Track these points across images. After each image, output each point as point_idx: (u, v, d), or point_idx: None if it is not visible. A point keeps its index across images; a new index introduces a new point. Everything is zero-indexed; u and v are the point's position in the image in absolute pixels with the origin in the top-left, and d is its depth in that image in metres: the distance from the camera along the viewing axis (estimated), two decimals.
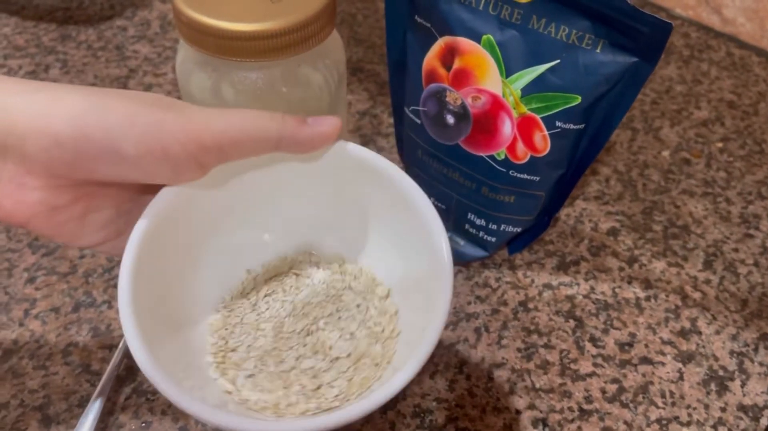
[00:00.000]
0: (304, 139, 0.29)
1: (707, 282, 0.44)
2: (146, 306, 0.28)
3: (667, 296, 0.43)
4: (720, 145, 0.54)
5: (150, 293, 0.29)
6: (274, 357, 0.34)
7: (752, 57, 0.63)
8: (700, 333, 0.41)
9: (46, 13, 0.63)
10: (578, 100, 0.36)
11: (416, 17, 0.39)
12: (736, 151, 0.53)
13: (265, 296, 0.36)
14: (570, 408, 0.37)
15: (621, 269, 0.44)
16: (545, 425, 0.36)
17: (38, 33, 0.61)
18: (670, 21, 0.32)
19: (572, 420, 0.37)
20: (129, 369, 0.38)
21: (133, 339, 0.27)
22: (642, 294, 0.43)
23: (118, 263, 0.44)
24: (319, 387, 0.32)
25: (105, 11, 0.64)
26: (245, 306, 0.36)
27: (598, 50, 0.35)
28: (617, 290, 0.43)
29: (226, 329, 0.35)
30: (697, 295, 0.43)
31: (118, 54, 0.59)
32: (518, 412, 0.37)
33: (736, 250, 0.46)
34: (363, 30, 0.64)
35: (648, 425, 0.37)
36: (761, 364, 0.40)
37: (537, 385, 0.38)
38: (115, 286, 0.42)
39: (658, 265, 0.45)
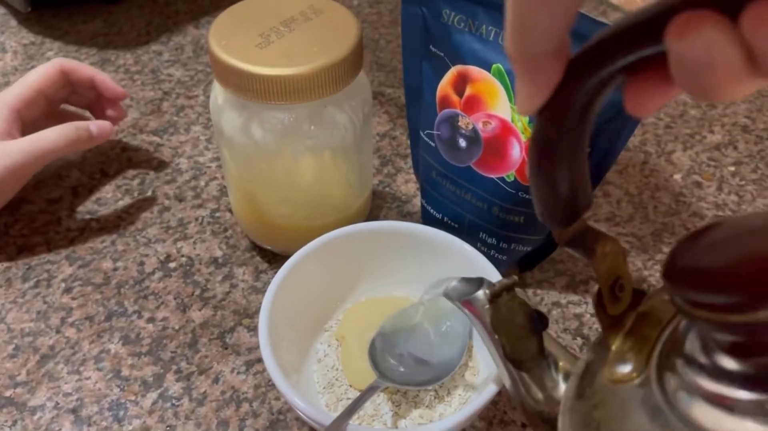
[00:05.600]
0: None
1: None
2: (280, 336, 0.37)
3: None
4: (732, 168, 0.55)
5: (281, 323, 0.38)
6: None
7: None
8: None
9: (87, 39, 0.67)
10: None
11: (431, 47, 0.41)
12: (748, 175, 0.54)
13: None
14: None
15: None
16: None
17: (80, 57, 0.65)
18: None
19: None
20: None
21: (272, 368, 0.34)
22: None
23: (149, 275, 0.47)
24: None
25: (142, 36, 0.68)
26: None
27: None
28: None
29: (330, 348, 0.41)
30: None
31: (153, 77, 0.63)
32: (524, 425, 0.38)
33: None
34: (385, 55, 0.66)
35: None
36: None
37: None
38: (145, 297, 0.45)
39: None
